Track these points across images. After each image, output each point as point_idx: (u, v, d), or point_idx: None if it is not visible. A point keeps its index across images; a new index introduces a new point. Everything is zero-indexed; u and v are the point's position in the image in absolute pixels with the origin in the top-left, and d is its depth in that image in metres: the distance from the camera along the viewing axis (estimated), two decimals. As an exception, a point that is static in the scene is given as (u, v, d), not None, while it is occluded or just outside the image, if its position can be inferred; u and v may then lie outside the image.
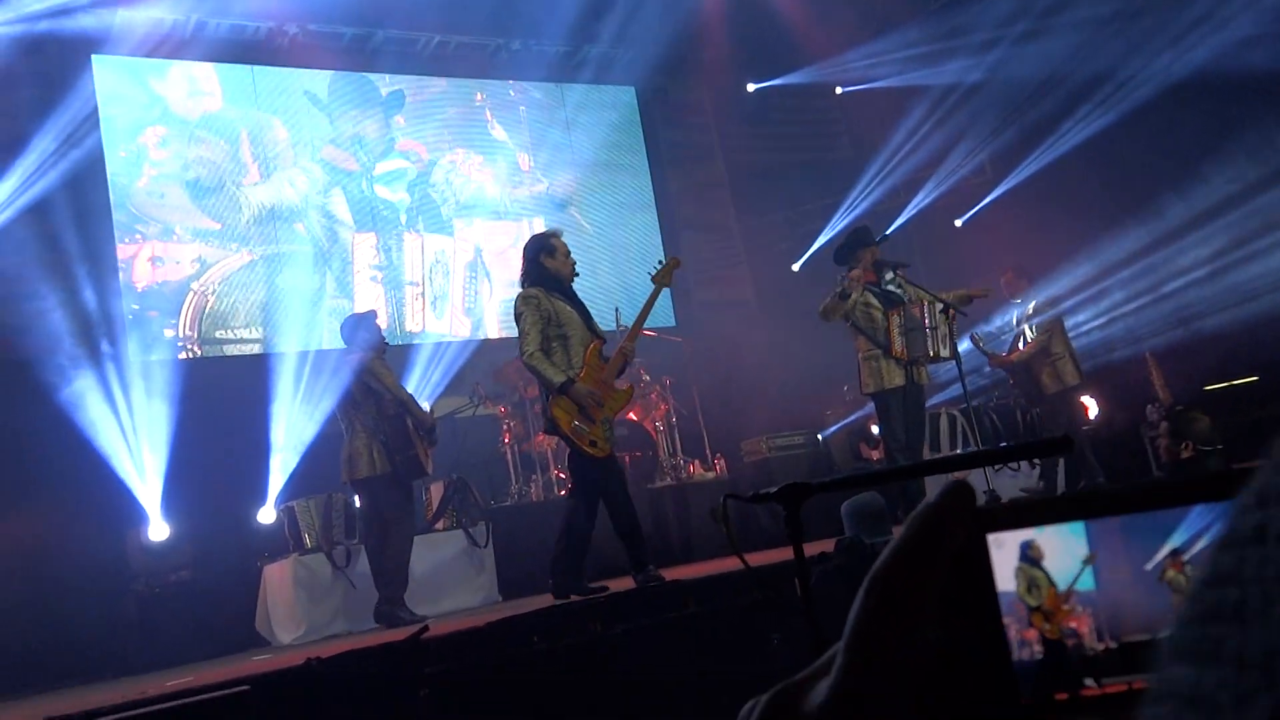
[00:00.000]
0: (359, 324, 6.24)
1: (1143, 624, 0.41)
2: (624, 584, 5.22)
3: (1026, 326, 7.55)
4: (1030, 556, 0.41)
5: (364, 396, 5.97)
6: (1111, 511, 0.41)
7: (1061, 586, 0.41)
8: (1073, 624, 0.41)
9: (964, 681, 0.40)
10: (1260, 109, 8.21)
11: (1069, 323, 8.40)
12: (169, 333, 8.40)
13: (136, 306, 8.33)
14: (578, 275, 5.49)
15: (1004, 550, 0.41)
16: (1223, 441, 6.57)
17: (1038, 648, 0.41)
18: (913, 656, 0.39)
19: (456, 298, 9.77)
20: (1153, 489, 0.41)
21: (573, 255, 5.46)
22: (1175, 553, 0.41)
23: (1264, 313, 8.16)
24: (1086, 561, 0.41)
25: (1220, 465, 6.33)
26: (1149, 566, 0.41)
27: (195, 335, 8.53)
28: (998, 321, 8.13)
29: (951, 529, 0.40)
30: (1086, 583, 0.42)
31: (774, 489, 1.76)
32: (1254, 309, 8.25)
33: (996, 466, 6.89)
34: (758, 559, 5.60)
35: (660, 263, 5.87)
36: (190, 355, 8.46)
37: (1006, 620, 0.41)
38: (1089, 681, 0.41)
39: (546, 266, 5.38)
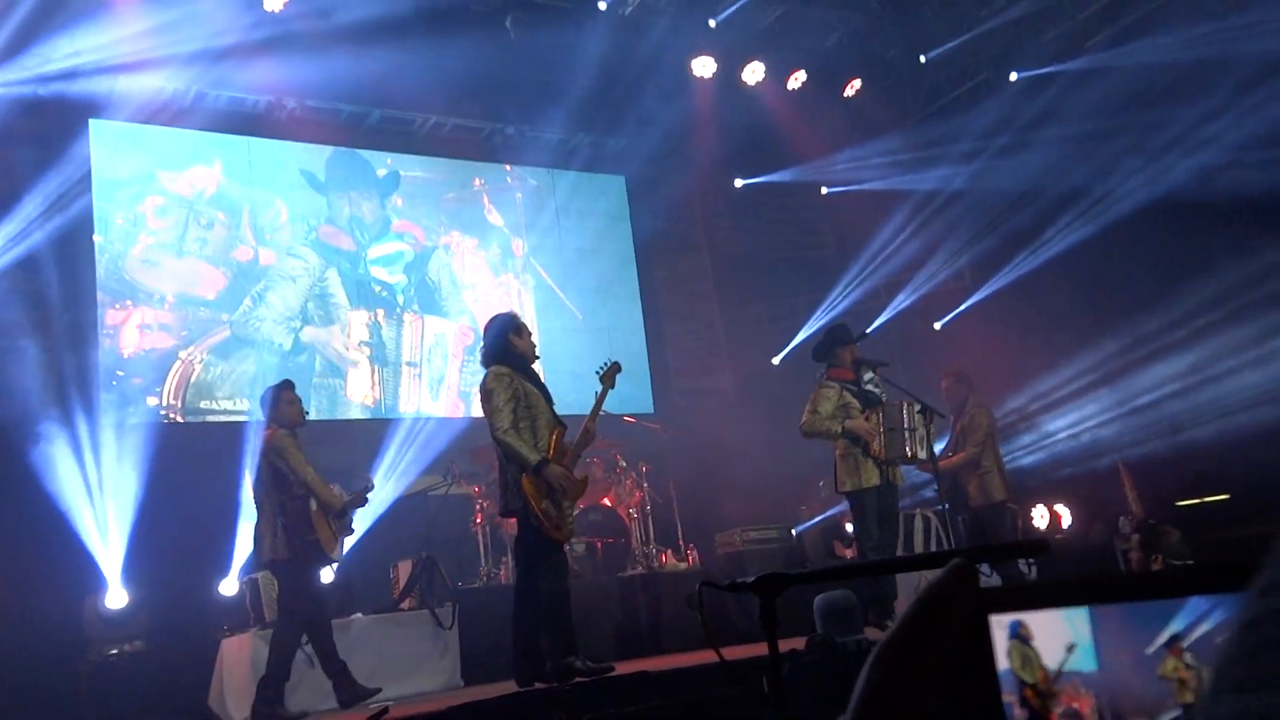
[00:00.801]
0: (272, 397, 6.01)
1: (1142, 707, 0.42)
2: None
3: (961, 434, 7.48)
4: (1021, 635, 0.42)
5: (271, 476, 5.81)
6: (1114, 598, 0.43)
7: (1051, 667, 0.42)
8: (1074, 704, 0.42)
9: None
10: (1232, 231, 8.43)
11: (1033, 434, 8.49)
12: (152, 400, 8.36)
13: (121, 373, 8.30)
14: (538, 358, 5.57)
15: (1002, 630, 0.43)
16: (1192, 557, 6.61)
17: None
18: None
19: (453, 380, 9.79)
20: (1154, 578, 0.43)
21: (543, 340, 5.54)
22: (1174, 639, 0.42)
23: (1237, 430, 8.26)
24: (1069, 650, 0.42)
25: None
26: (1149, 651, 0.42)
27: (179, 404, 8.49)
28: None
29: (956, 606, 0.41)
30: (1089, 664, 0.43)
31: (750, 578, 1.77)
32: (1227, 425, 8.36)
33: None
34: (729, 653, 5.55)
35: (605, 364, 5.89)
36: (170, 422, 8.41)
37: (1007, 697, 0.42)
38: None
39: (514, 345, 5.40)
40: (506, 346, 5.39)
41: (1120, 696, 0.42)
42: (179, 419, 8.42)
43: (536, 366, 5.61)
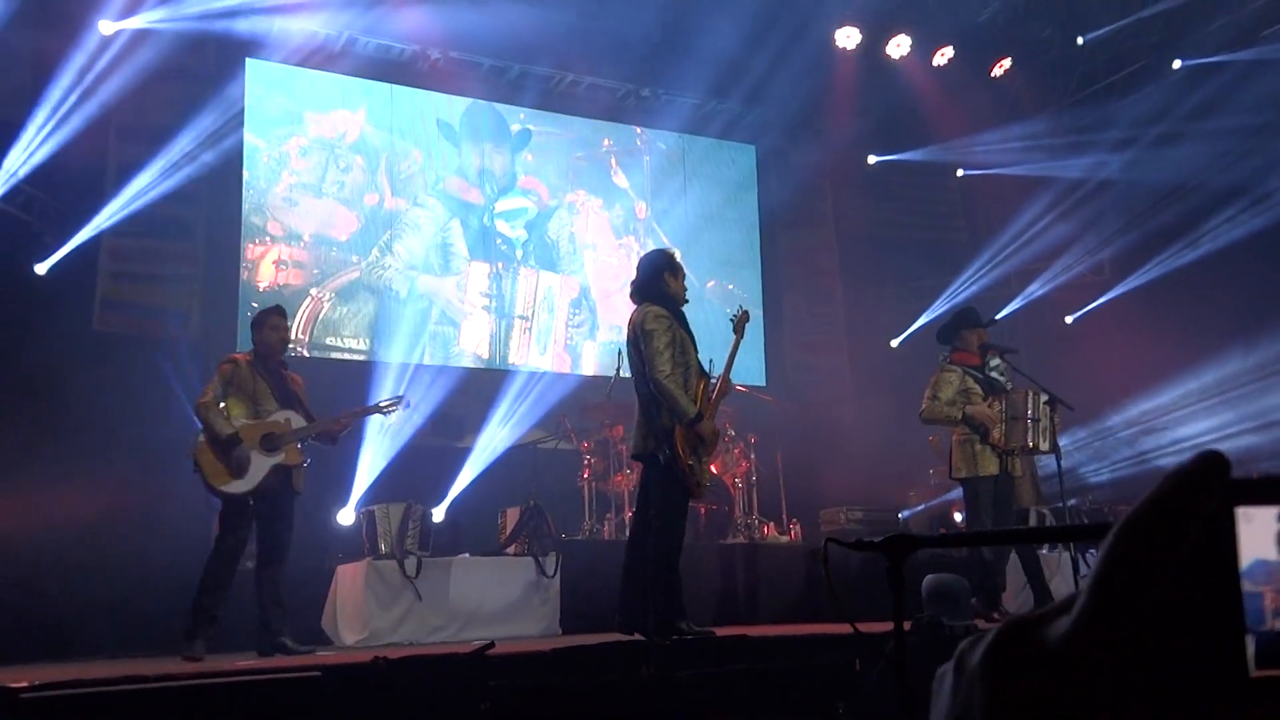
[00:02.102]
0: (254, 320, 6.01)
1: None
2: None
3: None
4: None
5: None
6: None
7: None
8: None
9: (1198, 644, 0.40)
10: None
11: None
12: (285, 334, 8.74)
13: (255, 305, 8.67)
14: (687, 301, 5.36)
15: (1254, 524, 0.41)
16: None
17: None
18: (1155, 606, 0.39)
19: (559, 334, 9.96)
20: None
21: None
22: None
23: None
24: None
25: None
26: None
27: (306, 339, 8.85)
28: None
29: (1206, 490, 0.40)
30: None
31: (879, 538, 1.78)
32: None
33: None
34: (823, 628, 5.56)
35: (737, 311, 5.65)
36: (297, 356, 8.77)
37: (1260, 586, 0.41)
38: None
39: (669, 284, 5.21)
40: (662, 285, 5.20)
41: None
42: (305, 354, 8.76)
43: None
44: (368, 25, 9.02)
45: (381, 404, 6.28)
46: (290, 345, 8.61)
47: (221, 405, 5.68)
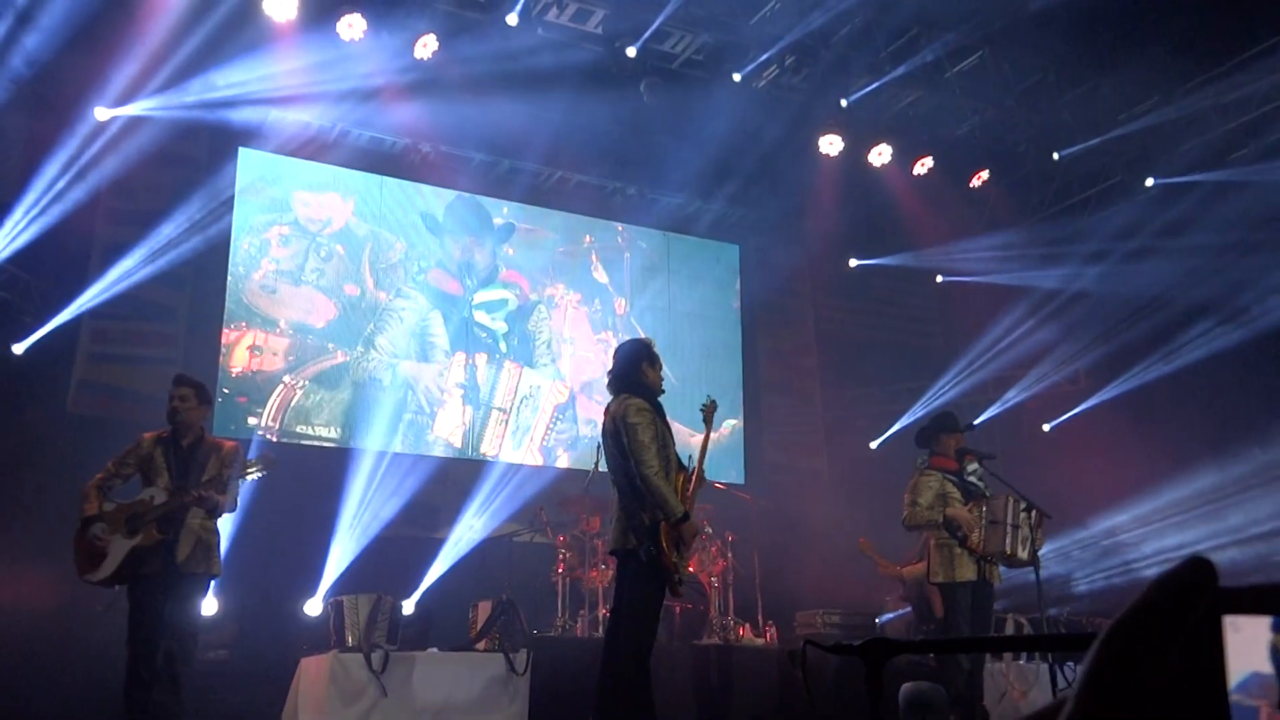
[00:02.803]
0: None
1: None
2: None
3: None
4: None
5: None
6: None
7: None
8: None
9: None
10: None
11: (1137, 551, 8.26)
12: (252, 420, 8.71)
13: (227, 390, 8.66)
14: (664, 392, 5.25)
15: (1244, 635, 0.41)
16: None
17: None
18: (1143, 712, 0.39)
19: (538, 433, 9.95)
20: None
21: None
22: None
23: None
24: None
25: None
26: None
27: (277, 425, 8.81)
28: None
29: (1192, 598, 0.40)
30: None
31: (857, 642, 1.77)
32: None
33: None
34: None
35: (706, 401, 5.53)
36: (267, 441, 8.72)
37: (1253, 699, 0.41)
38: None
39: (647, 375, 5.12)
40: (640, 375, 5.10)
41: None
42: (274, 439, 8.71)
43: None
44: (361, 118, 9.21)
45: (247, 468, 5.61)
46: (260, 431, 8.66)
47: (115, 483, 5.38)
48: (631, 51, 8.79)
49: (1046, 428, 10.98)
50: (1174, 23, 7.89)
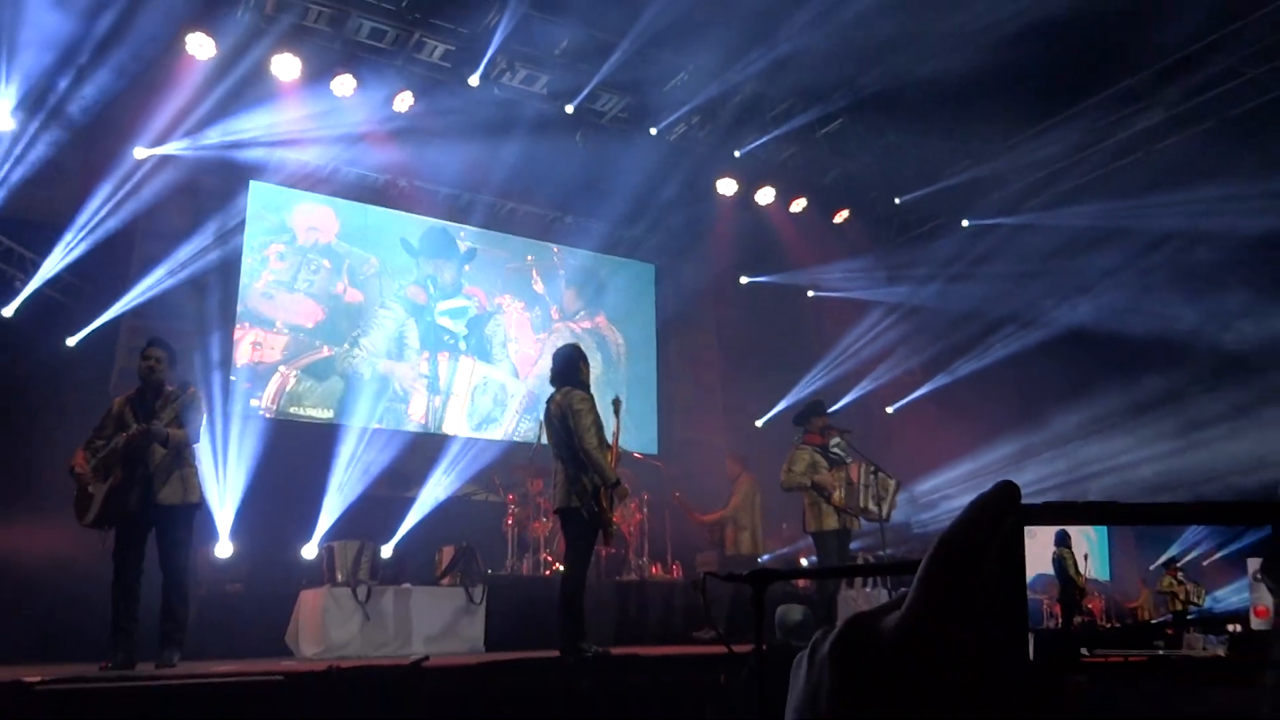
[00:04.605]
0: None
1: (1142, 612, 0.43)
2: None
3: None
4: (1065, 543, 0.43)
5: None
6: (1128, 521, 0.42)
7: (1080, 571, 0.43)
8: (1089, 605, 0.43)
9: (995, 632, 0.40)
10: (1120, 360, 8.60)
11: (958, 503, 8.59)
12: (255, 402, 8.56)
13: (233, 378, 8.50)
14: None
15: (1035, 541, 0.42)
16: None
17: (1059, 620, 0.42)
18: (965, 606, 0.39)
19: (493, 415, 9.90)
20: (1161, 509, 0.42)
21: None
22: (1171, 560, 0.43)
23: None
24: (1084, 559, 0.43)
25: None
26: (1151, 568, 0.43)
27: (275, 407, 8.66)
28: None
29: (1002, 514, 0.40)
30: (1104, 574, 0.43)
31: (745, 572, 1.89)
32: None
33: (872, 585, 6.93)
34: (701, 650, 5.61)
35: (614, 399, 5.81)
36: (268, 417, 8.59)
37: (1040, 595, 0.42)
38: (1093, 651, 0.43)
39: (582, 372, 5.27)
40: (578, 373, 5.24)
41: (1125, 602, 0.43)
42: (270, 417, 8.58)
43: None
44: (350, 158, 9.09)
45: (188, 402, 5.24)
46: (262, 411, 8.50)
47: (97, 444, 5.06)
48: (570, 109, 8.83)
49: (890, 410, 11.26)
50: (987, 101, 8.20)
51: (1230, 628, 0.44)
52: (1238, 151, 8.19)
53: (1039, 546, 0.42)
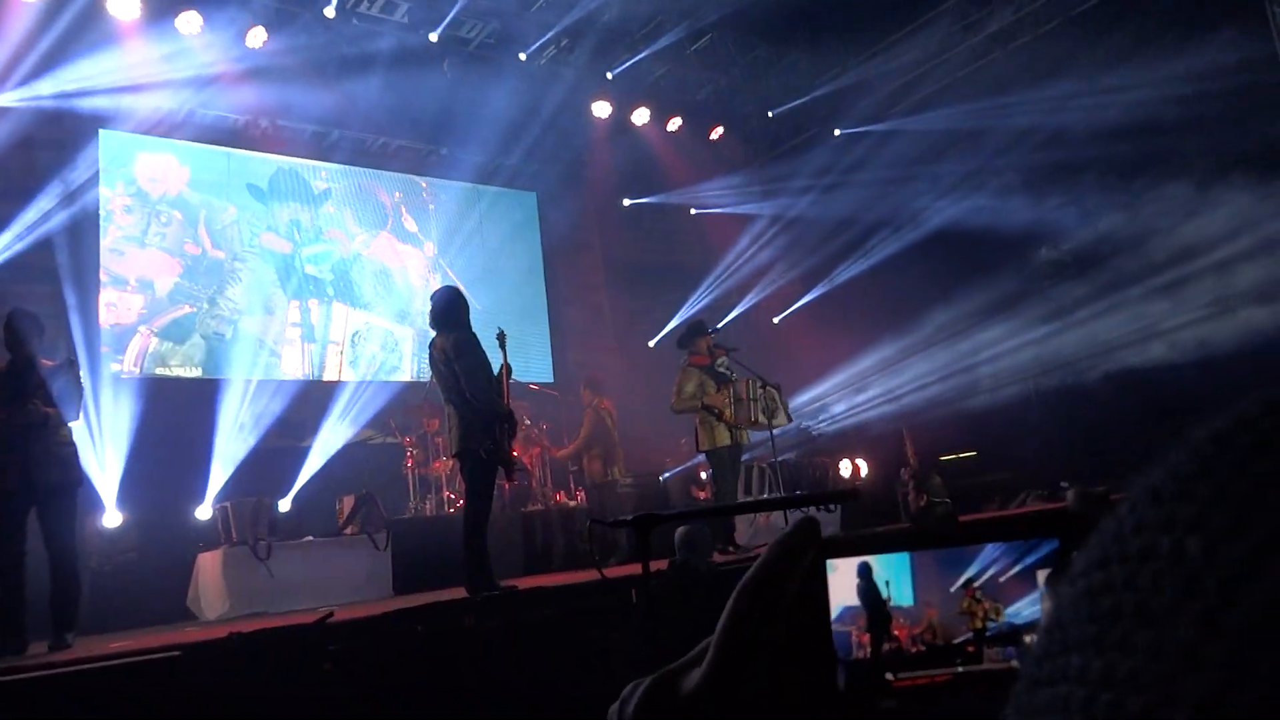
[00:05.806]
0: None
1: (945, 634, 0.44)
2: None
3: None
4: (866, 575, 0.43)
5: None
6: (926, 546, 0.43)
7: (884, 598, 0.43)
8: (896, 633, 0.43)
9: (801, 670, 0.40)
10: (983, 256, 9.00)
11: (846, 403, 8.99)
12: (115, 366, 8.02)
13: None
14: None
15: (838, 573, 0.42)
16: (950, 496, 7.12)
17: (867, 649, 0.43)
18: (769, 650, 0.39)
19: (366, 358, 9.58)
20: (958, 530, 0.44)
21: None
22: (969, 581, 0.43)
23: (981, 406, 8.94)
24: (886, 585, 0.43)
25: (948, 511, 6.80)
26: (952, 590, 0.44)
27: (139, 370, 8.15)
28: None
29: (801, 552, 0.41)
30: (908, 600, 0.43)
31: (629, 517, 1.90)
32: (975, 403, 9.03)
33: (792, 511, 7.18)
34: (613, 572, 5.70)
35: (499, 330, 5.57)
36: (130, 377, 8.08)
37: (847, 627, 0.42)
38: (899, 675, 0.43)
39: (462, 314, 5.20)
40: (458, 315, 5.15)
41: (930, 625, 0.44)
42: (137, 375, 8.10)
43: None
44: (205, 99, 8.44)
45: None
46: (123, 375, 7.93)
47: None
48: (434, 36, 8.40)
49: (776, 320, 11.54)
50: (848, 9, 8.23)
51: (1026, 639, 0.44)
52: (1082, 49, 8.51)
53: (843, 582, 0.42)
